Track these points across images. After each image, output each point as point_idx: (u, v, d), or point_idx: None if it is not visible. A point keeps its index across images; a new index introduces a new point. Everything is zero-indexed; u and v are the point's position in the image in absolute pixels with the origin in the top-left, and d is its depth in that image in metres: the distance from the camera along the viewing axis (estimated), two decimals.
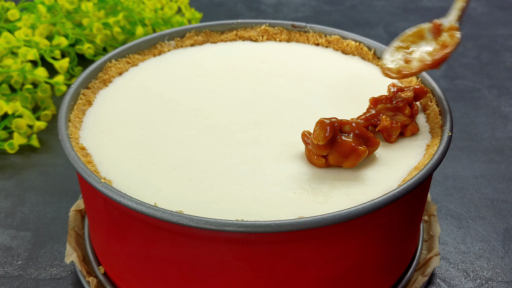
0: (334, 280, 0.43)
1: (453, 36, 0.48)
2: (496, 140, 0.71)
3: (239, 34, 0.62)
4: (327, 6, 1.05)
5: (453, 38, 0.48)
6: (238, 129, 0.49)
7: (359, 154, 0.43)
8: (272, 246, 0.40)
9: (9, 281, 0.53)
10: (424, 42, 0.49)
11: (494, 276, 0.54)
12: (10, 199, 0.62)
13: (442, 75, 0.84)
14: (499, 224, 0.59)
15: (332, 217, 0.38)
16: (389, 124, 0.46)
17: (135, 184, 0.43)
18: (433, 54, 0.49)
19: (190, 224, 0.38)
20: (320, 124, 0.43)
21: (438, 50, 0.49)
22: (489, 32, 0.96)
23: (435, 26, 0.49)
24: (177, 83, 0.55)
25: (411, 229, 0.48)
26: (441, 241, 0.57)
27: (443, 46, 0.48)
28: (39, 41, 0.75)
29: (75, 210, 0.57)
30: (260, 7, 1.04)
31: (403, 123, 0.47)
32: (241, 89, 0.54)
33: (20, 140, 0.68)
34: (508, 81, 0.83)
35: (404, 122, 0.47)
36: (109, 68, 0.55)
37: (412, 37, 0.49)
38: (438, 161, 0.43)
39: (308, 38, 0.61)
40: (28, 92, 0.72)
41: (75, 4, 0.80)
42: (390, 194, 0.40)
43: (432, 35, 0.49)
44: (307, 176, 0.44)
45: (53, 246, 0.56)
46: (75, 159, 0.43)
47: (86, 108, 0.51)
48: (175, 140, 0.47)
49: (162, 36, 0.59)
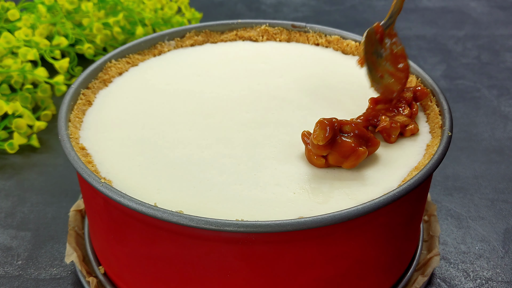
0: (334, 280, 0.43)
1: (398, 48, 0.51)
2: (496, 140, 0.71)
3: (239, 34, 0.62)
4: (327, 6, 1.05)
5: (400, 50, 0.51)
6: (238, 129, 0.49)
7: (359, 154, 0.43)
8: (272, 246, 0.40)
9: (9, 281, 0.53)
10: (376, 46, 0.50)
11: (494, 276, 0.54)
12: (10, 199, 0.62)
13: (442, 75, 0.84)
14: (499, 224, 0.59)
15: (332, 217, 0.38)
16: (388, 125, 0.46)
17: (135, 184, 0.43)
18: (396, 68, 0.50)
19: (190, 224, 0.38)
20: (320, 124, 0.43)
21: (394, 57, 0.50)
22: (489, 32, 0.96)
23: (376, 29, 0.50)
24: (177, 83, 0.55)
25: (411, 229, 0.48)
26: (441, 241, 0.57)
27: (396, 56, 0.50)
28: (39, 41, 0.75)
29: (75, 210, 0.57)
30: (260, 7, 1.04)
31: (403, 123, 0.47)
32: (241, 89, 0.54)
33: (20, 140, 0.68)
34: (508, 81, 0.83)
35: (404, 123, 0.47)
36: (109, 68, 0.55)
37: (367, 46, 0.50)
38: (438, 161, 0.43)
39: (308, 38, 0.61)
40: (28, 92, 0.72)
41: (75, 4, 0.80)
42: (390, 194, 0.40)
43: (378, 36, 0.50)
44: (307, 176, 0.44)
45: (53, 246, 0.56)
46: (75, 159, 0.43)
47: (86, 108, 0.51)
48: (175, 140, 0.47)
49: (162, 36, 0.59)
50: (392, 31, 0.51)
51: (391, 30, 0.51)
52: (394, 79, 0.49)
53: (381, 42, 0.50)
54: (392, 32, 0.51)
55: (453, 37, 0.94)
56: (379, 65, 0.49)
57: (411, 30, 0.96)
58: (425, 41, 0.93)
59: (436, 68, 0.86)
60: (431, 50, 0.91)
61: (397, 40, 0.51)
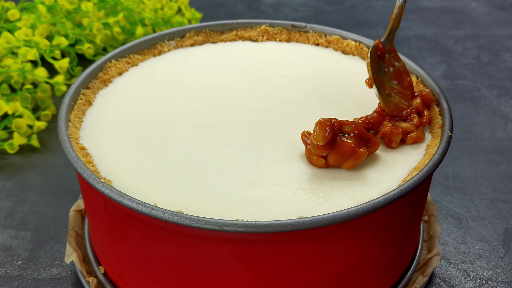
0: (334, 280, 0.43)
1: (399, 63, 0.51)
2: (496, 140, 0.71)
3: (239, 34, 0.62)
4: (327, 6, 1.05)
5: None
6: (238, 129, 0.49)
7: (359, 155, 0.43)
8: (272, 246, 0.40)
9: (9, 281, 0.53)
10: (379, 63, 0.50)
11: (494, 276, 0.54)
12: (10, 199, 0.62)
13: (442, 75, 0.84)
14: (499, 224, 0.59)
15: (332, 217, 0.38)
16: (389, 130, 0.46)
17: (135, 184, 0.43)
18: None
19: (190, 224, 0.38)
20: (320, 125, 0.43)
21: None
22: (489, 32, 0.96)
23: (378, 46, 0.50)
24: (177, 83, 0.55)
25: (411, 229, 0.48)
26: (441, 241, 0.57)
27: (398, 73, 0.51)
28: (39, 41, 0.75)
29: (75, 210, 0.57)
30: (260, 7, 1.04)
31: (405, 129, 0.47)
32: (241, 89, 0.54)
33: (20, 140, 0.68)
34: (508, 81, 0.83)
35: (407, 129, 0.47)
36: (109, 68, 0.55)
37: (373, 65, 0.50)
38: (438, 161, 0.43)
39: (308, 38, 0.61)
40: (28, 92, 0.72)
41: (75, 4, 0.80)
42: (390, 194, 0.40)
43: (379, 53, 0.50)
44: (307, 176, 0.44)
45: (53, 246, 0.56)
46: (75, 159, 0.43)
47: (86, 108, 0.51)
48: (175, 140, 0.47)
49: (162, 36, 0.59)
50: (392, 47, 0.51)
51: (391, 45, 0.51)
52: (401, 97, 0.49)
53: (383, 59, 0.50)
54: (392, 47, 0.51)
55: (453, 37, 0.94)
56: (385, 84, 0.49)
57: (411, 30, 0.96)
58: (425, 41, 0.93)
59: (436, 68, 0.86)
60: (431, 50, 0.91)
61: (396, 55, 0.51)
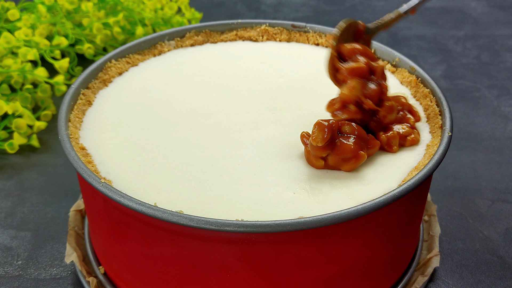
0: (334, 280, 0.43)
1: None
2: (496, 140, 0.71)
3: (239, 34, 0.62)
4: (327, 6, 1.05)
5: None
6: (238, 129, 0.49)
7: (359, 158, 0.43)
8: (272, 246, 0.40)
9: (9, 281, 0.53)
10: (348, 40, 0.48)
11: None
12: (10, 199, 0.62)
13: (442, 75, 0.84)
14: (499, 224, 0.59)
15: (332, 217, 0.38)
16: (385, 138, 0.46)
17: (135, 184, 0.43)
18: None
19: (190, 224, 0.38)
20: (318, 126, 0.43)
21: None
22: (489, 32, 0.96)
23: (360, 26, 0.49)
24: (177, 83, 0.55)
25: (411, 229, 0.48)
26: (441, 241, 0.57)
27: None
28: (39, 41, 0.75)
29: (75, 210, 0.57)
30: (260, 7, 1.04)
31: (403, 134, 0.47)
32: (241, 89, 0.54)
33: (20, 140, 0.68)
34: (508, 81, 0.83)
35: (404, 133, 0.47)
36: (109, 68, 0.55)
37: (344, 33, 0.48)
38: (438, 161, 0.43)
39: (308, 38, 0.61)
40: (28, 92, 0.72)
41: (75, 4, 0.80)
42: (390, 194, 0.40)
43: (354, 34, 0.48)
44: (307, 176, 0.44)
45: (53, 246, 0.56)
46: (75, 159, 0.43)
47: (86, 108, 0.51)
48: (175, 140, 0.47)
49: (162, 36, 0.59)
50: (368, 39, 0.50)
51: (369, 37, 0.50)
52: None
53: (357, 40, 0.49)
54: (368, 39, 0.50)
55: (453, 37, 0.94)
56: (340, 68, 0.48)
57: (411, 30, 0.96)
58: (425, 41, 0.93)
59: (436, 68, 0.86)
60: (431, 50, 0.91)
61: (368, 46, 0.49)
